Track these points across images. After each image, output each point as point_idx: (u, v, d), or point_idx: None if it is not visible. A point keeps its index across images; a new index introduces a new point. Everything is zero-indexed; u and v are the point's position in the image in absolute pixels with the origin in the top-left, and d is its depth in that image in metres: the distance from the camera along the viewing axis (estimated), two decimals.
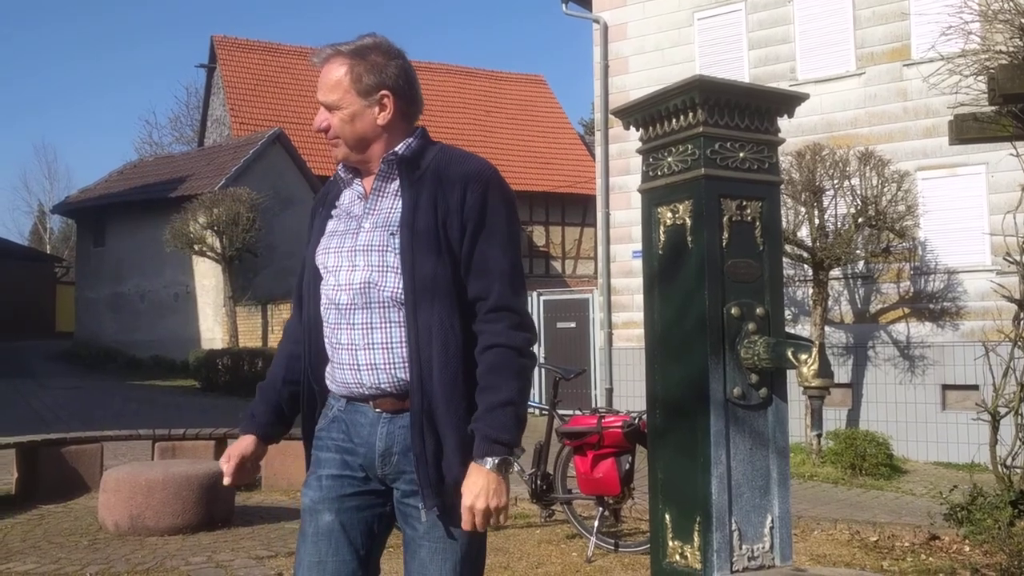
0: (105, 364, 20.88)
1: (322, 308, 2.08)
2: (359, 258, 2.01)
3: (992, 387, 5.30)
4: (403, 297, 1.96)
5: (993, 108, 4.97)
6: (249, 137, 21.67)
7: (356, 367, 2.00)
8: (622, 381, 12.40)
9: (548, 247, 25.32)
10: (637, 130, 2.59)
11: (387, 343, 1.99)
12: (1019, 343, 5.00)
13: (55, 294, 31.52)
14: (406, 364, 1.97)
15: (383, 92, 2.02)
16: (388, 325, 1.99)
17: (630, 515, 5.86)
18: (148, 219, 20.66)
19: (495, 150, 24.40)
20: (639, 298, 2.84)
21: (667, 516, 2.39)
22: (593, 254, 21.70)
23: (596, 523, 5.22)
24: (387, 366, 1.99)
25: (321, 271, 2.08)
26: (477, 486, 1.86)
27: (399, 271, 1.97)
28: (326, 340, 2.08)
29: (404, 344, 1.98)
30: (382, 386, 1.99)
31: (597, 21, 12.96)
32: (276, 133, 20.99)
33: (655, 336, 2.49)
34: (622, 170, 12.53)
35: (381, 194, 2.06)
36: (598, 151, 13.12)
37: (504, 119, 26.35)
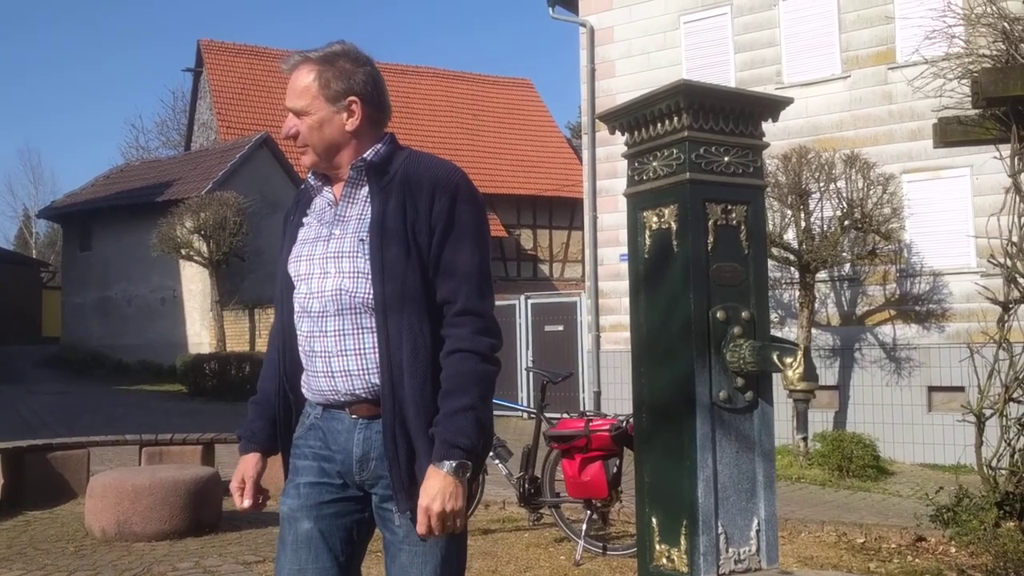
0: (92, 369, 20.77)
1: (295, 317, 2.07)
2: (330, 265, 2.01)
3: (977, 389, 5.33)
4: (374, 302, 1.97)
5: (977, 111, 5.01)
6: (236, 141, 21.60)
7: (330, 374, 2.00)
8: (610, 384, 12.42)
9: (536, 250, 25.33)
10: (623, 134, 2.60)
11: (360, 349, 1.99)
12: (1004, 345, 5.03)
13: (41, 299, 31.30)
14: (373, 372, 1.98)
15: (351, 98, 2.02)
16: (360, 331, 1.99)
17: (618, 518, 5.86)
18: (135, 223, 20.56)
19: (482, 154, 24.41)
20: (627, 301, 2.84)
21: (654, 519, 2.40)
22: (581, 257, 21.74)
23: (584, 526, 5.22)
24: (361, 372, 1.99)
25: (293, 279, 2.07)
26: (434, 489, 1.86)
27: (370, 277, 1.97)
28: (300, 349, 2.07)
29: (376, 350, 1.98)
30: (357, 392, 2.00)
31: (584, 25, 12.98)
32: (263, 137, 20.93)
33: (641, 340, 2.50)
34: (609, 173, 12.56)
35: (351, 200, 2.05)
36: (585, 154, 13.15)
37: (491, 123, 26.35)
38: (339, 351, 1.99)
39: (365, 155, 2.04)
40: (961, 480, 5.98)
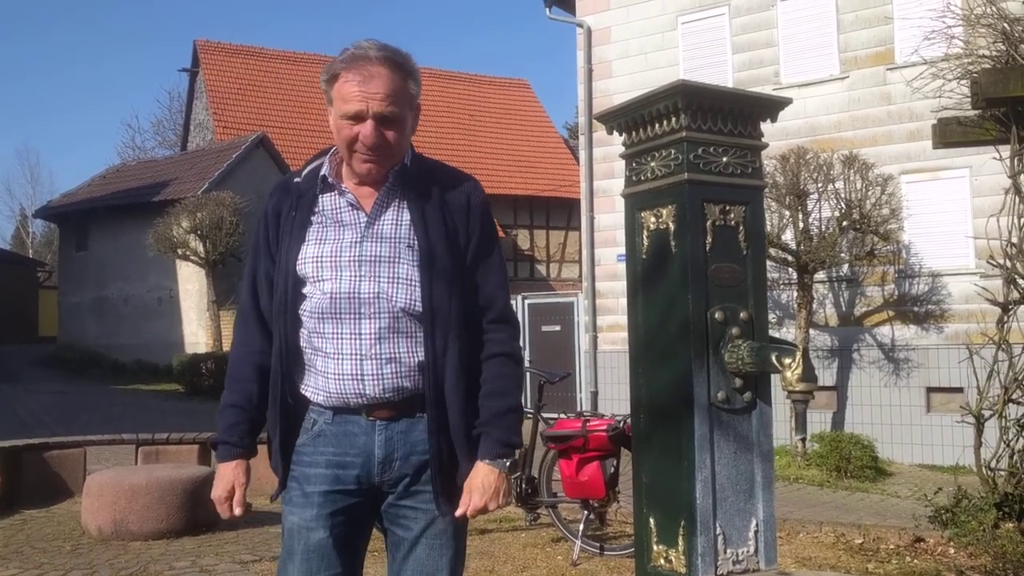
0: (88, 368, 20.74)
1: (306, 317, 2.01)
2: (365, 268, 1.99)
3: (976, 390, 5.32)
4: (419, 309, 1.99)
5: (976, 112, 5.00)
6: (232, 141, 21.58)
7: (358, 377, 1.98)
8: (607, 384, 12.41)
9: (533, 251, 25.32)
10: (620, 135, 2.59)
11: (395, 354, 1.99)
12: (1003, 346, 5.02)
13: (38, 298, 31.27)
14: (412, 374, 2.00)
15: (417, 103, 2.06)
16: (396, 336, 2.00)
17: (615, 518, 5.85)
18: (131, 223, 20.53)
19: (479, 154, 24.40)
20: (624, 301, 2.84)
21: (652, 520, 2.39)
22: (578, 258, 21.72)
23: (581, 526, 5.20)
24: (394, 376, 1.99)
25: (308, 279, 2.01)
26: (491, 487, 1.98)
27: (414, 283, 1.99)
28: (311, 351, 2.02)
29: (412, 354, 2.00)
30: (385, 396, 1.99)
31: (581, 25, 12.98)
32: (259, 137, 20.91)
33: (639, 340, 2.48)
34: (606, 174, 12.55)
35: (384, 205, 2.04)
36: (582, 155, 13.14)
37: (488, 123, 26.34)
38: (373, 354, 1.98)
39: (405, 161, 2.06)
40: (960, 481, 5.97)
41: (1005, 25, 4.76)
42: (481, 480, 1.97)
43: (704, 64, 11.66)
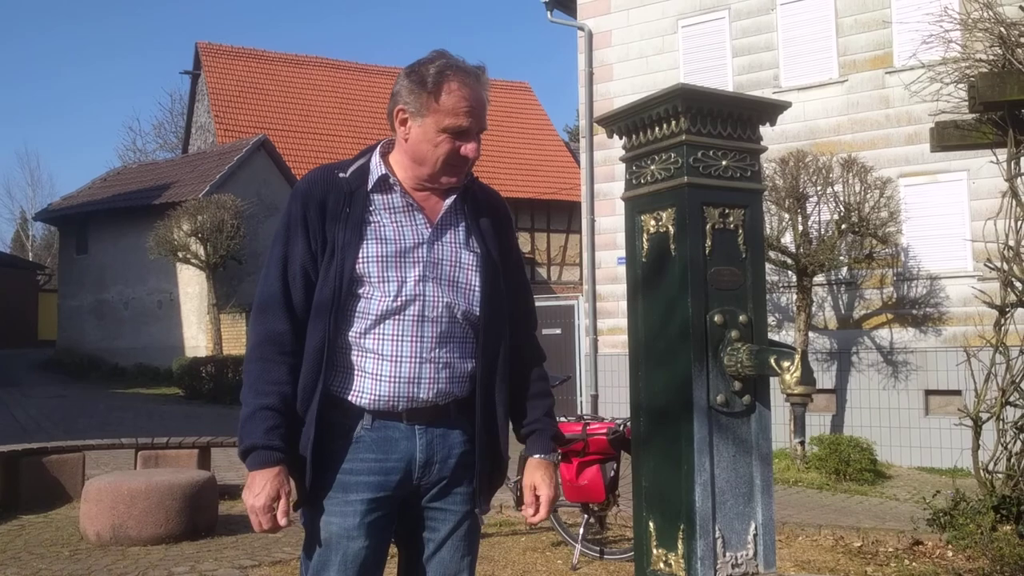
0: (88, 372, 20.73)
1: (360, 317, 1.97)
2: (430, 271, 2.01)
3: (974, 392, 5.33)
4: (477, 316, 2.04)
5: (974, 115, 5.01)
6: (234, 144, 21.59)
7: (415, 380, 1.98)
8: (607, 387, 12.41)
9: (533, 253, 25.32)
10: (620, 138, 2.60)
11: (450, 359, 2.03)
12: (1000, 349, 5.03)
13: (37, 302, 31.25)
14: (462, 379, 2.05)
15: None
16: (452, 341, 2.03)
17: (615, 522, 5.85)
18: (131, 226, 20.53)
19: (480, 157, 24.40)
20: (624, 304, 2.86)
21: (651, 523, 2.39)
22: (578, 260, 21.72)
23: (581, 530, 5.20)
24: (447, 380, 2.03)
25: (369, 279, 1.97)
26: (552, 479, 2.11)
27: (474, 289, 2.05)
28: (360, 352, 1.98)
29: (464, 360, 2.04)
30: (436, 400, 2.02)
31: (582, 28, 13.00)
32: (261, 140, 20.93)
33: (639, 343, 2.49)
34: (607, 177, 12.56)
35: (448, 212, 2.07)
36: (583, 158, 13.15)
37: (490, 126, 26.09)
38: (433, 358, 2.00)
39: (471, 176, 2.13)
40: (958, 484, 5.97)
41: (1002, 29, 4.78)
42: (543, 473, 2.09)
43: (704, 67, 11.68)
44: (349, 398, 1.99)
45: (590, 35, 12.91)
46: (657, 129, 2.43)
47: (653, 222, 2.46)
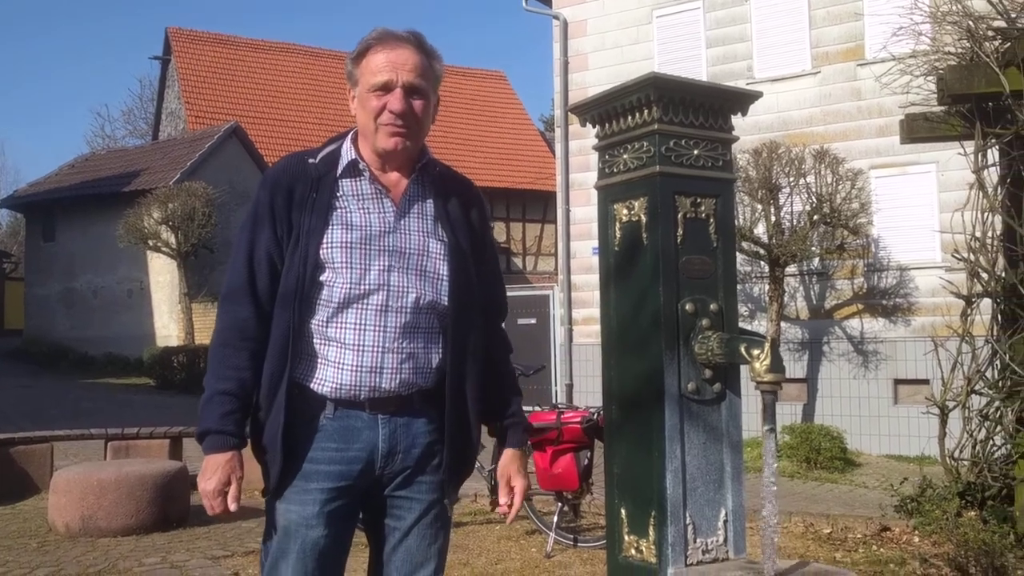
0: (56, 362, 20.46)
1: (324, 304, 1.95)
2: (395, 259, 1.99)
3: (941, 381, 5.41)
4: (445, 305, 2.01)
5: (942, 108, 5.08)
6: (205, 131, 21.36)
7: (377, 370, 1.96)
8: (582, 377, 12.46)
9: (509, 243, 25.32)
10: (594, 127, 2.60)
11: (414, 349, 2.01)
12: (966, 338, 5.11)
13: (3, 290, 30.76)
14: (426, 370, 2.02)
15: (438, 93, 2.10)
16: (417, 331, 2.01)
17: (589, 510, 5.89)
18: (100, 214, 20.28)
19: (455, 145, 24.34)
20: (599, 294, 2.89)
21: (623, 510, 2.41)
22: (554, 250, 21.76)
23: (555, 518, 5.23)
24: (411, 372, 2.01)
25: (333, 266, 1.94)
26: (525, 468, 2.16)
27: (442, 279, 2.02)
28: (323, 340, 1.96)
29: (429, 351, 2.02)
30: (399, 390, 2.00)
31: (557, 17, 12.98)
32: (232, 127, 20.72)
33: (611, 332, 2.50)
34: (582, 167, 12.58)
35: (413, 197, 2.04)
36: (558, 148, 13.16)
37: (464, 115, 26.28)
38: (397, 348, 1.97)
39: (429, 155, 2.09)
40: (925, 471, 6.08)
41: (970, 23, 4.83)
42: (519, 465, 2.13)
43: (679, 58, 11.72)
44: (312, 386, 1.97)
45: (565, 24, 12.90)
46: (630, 118, 2.43)
47: (625, 211, 2.47)
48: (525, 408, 2.23)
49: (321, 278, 1.94)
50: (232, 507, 1.93)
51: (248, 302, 1.97)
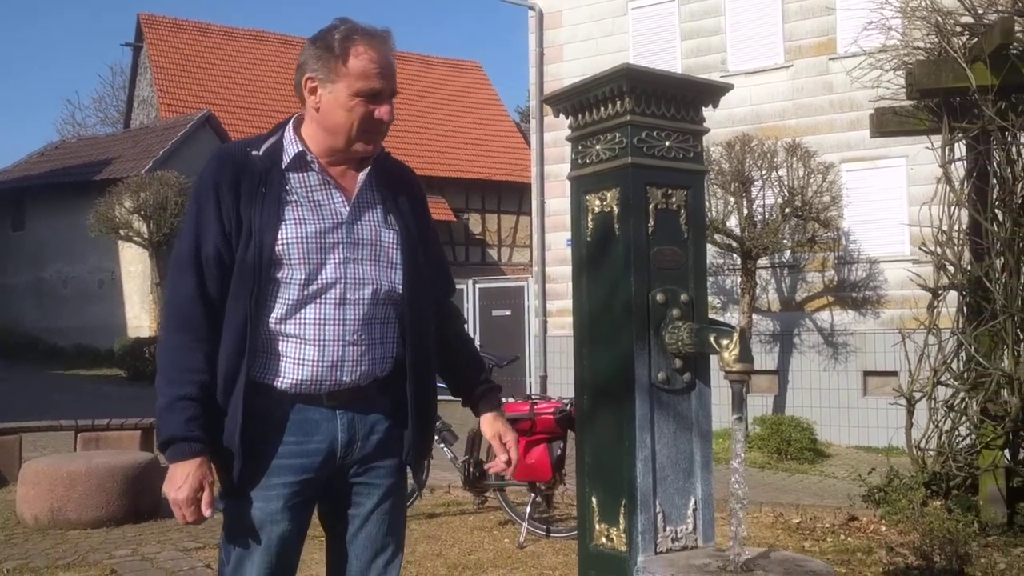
0: (25, 353, 20.17)
1: (281, 301, 1.93)
2: (351, 251, 1.98)
3: (908, 373, 5.49)
4: (400, 294, 2.03)
5: (911, 102, 5.14)
6: (177, 119, 21.12)
7: (338, 364, 1.96)
8: (557, 368, 12.51)
9: (484, 235, 25.29)
10: (567, 118, 2.61)
11: (373, 340, 2.01)
12: (933, 330, 5.19)
13: None
14: (385, 360, 2.04)
15: None
16: (375, 322, 2.02)
17: (562, 501, 5.91)
18: (71, 203, 20.00)
19: (430, 136, 24.26)
20: (571, 285, 2.92)
21: (594, 499, 2.43)
22: (529, 242, 21.78)
23: (528, 509, 5.26)
24: (370, 362, 2.01)
25: (290, 262, 1.92)
26: (509, 424, 2.24)
27: (396, 267, 2.03)
28: (281, 337, 1.94)
29: (387, 340, 2.04)
30: (358, 381, 2.00)
31: (532, 8, 12.98)
32: (205, 115, 20.51)
33: (583, 322, 2.52)
34: (557, 158, 12.60)
35: (363, 187, 2.03)
36: (533, 139, 13.17)
37: (439, 105, 26.19)
38: (356, 340, 1.97)
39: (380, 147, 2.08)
40: (892, 461, 6.16)
41: (938, 18, 4.90)
42: (502, 423, 2.22)
43: (653, 50, 11.76)
44: (270, 383, 1.95)
45: (541, 15, 12.90)
46: (602, 109, 2.44)
47: (598, 202, 2.48)
48: None
49: (278, 275, 1.92)
50: (207, 513, 1.89)
51: (199, 303, 1.92)
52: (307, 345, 1.94)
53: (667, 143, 2.42)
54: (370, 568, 2.08)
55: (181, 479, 1.87)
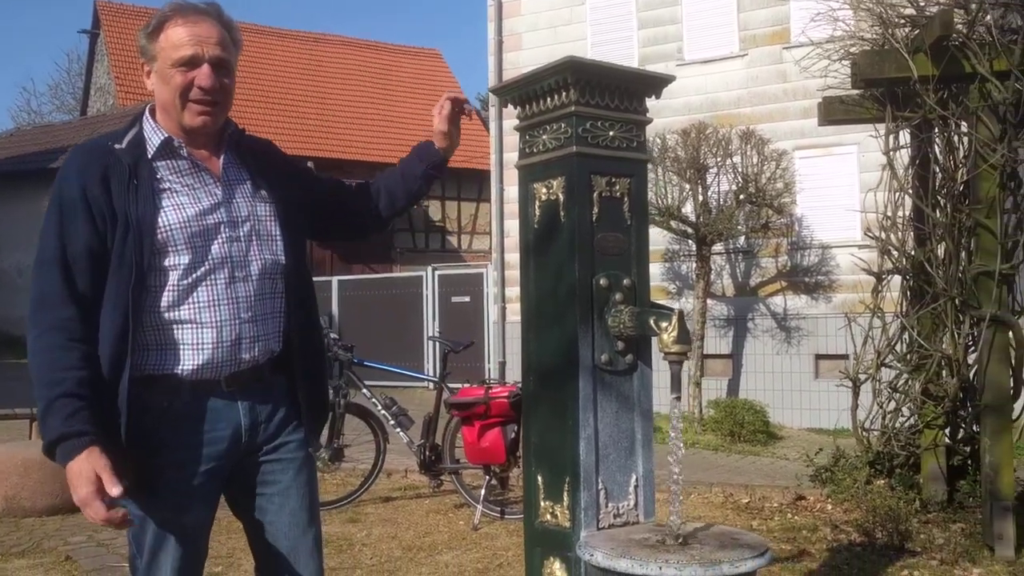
0: None
1: (170, 289, 1.91)
2: (231, 230, 2.00)
3: (854, 355, 5.66)
4: (283, 263, 2.06)
5: (858, 91, 5.28)
6: (135, 107, 20.76)
7: (237, 343, 1.97)
8: (515, 355, 12.58)
9: (444, 222, 25.26)
10: (515, 108, 2.68)
11: (264, 314, 2.04)
12: (877, 314, 5.35)
13: None
14: (277, 333, 2.07)
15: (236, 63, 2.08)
16: (264, 297, 2.04)
17: (517, 484, 6.00)
18: (27, 191, 19.63)
19: (391, 123, 24.14)
20: (519, 270, 2.99)
21: (539, 478, 2.50)
22: (489, 229, 21.81)
23: (483, 491, 5.34)
24: (266, 337, 2.04)
25: (174, 248, 1.91)
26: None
27: (276, 239, 2.06)
28: (175, 325, 1.92)
29: (277, 313, 2.07)
30: (257, 357, 2.02)
31: None
32: None
33: (530, 306, 2.59)
34: (516, 146, 12.61)
35: (230, 166, 2.06)
36: (492, 127, 13.20)
37: (400, 93, 26.04)
38: (251, 316, 1.99)
39: (234, 124, 2.10)
40: (839, 442, 6.34)
41: (882, 10, 5.03)
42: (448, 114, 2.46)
43: (610, 39, 11.83)
44: (168, 373, 1.92)
45: (500, 4, 12.90)
46: (548, 100, 2.51)
47: (544, 190, 2.56)
48: (455, 385, 2.32)
49: (165, 262, 1.90)
50: (115, 492, 1.77)
51: (69, 302, 1.85)
52: (204, 328, 1.93)
53: (611, 133, 2.50)
54: (299, 544, 2.07)
55: (77, 477, 1.78)
